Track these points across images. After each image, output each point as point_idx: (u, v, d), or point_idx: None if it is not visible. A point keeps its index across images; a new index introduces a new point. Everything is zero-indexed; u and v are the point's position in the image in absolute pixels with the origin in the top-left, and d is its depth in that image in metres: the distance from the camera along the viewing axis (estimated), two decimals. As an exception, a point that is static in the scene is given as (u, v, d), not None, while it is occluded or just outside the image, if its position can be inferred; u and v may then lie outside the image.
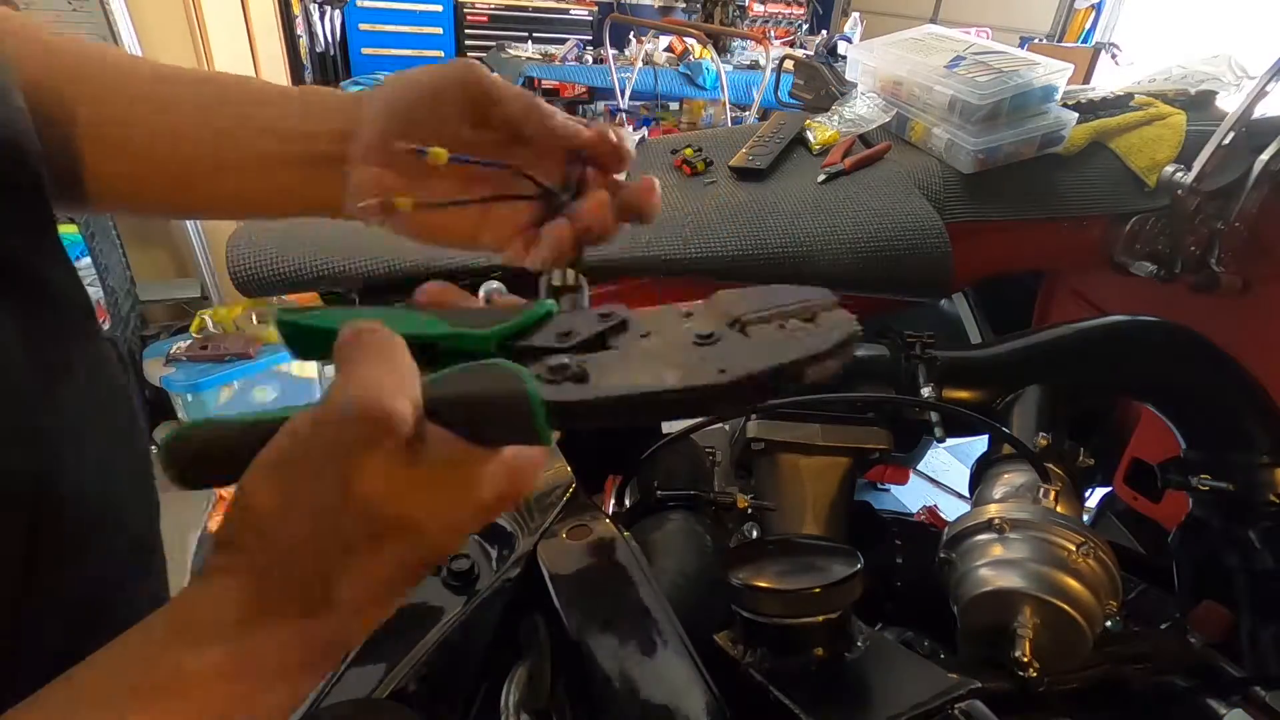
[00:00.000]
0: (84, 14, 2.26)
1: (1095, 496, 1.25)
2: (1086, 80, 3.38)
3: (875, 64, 1.13)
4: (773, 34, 4.77)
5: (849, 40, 3.82)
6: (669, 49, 3.94)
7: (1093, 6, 4.02)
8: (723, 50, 4.09)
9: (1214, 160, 0.97)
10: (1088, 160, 1.05)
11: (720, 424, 0.84)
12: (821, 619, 0.47)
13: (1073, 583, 0.60)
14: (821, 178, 1.00)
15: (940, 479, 2.33)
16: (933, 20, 4.65)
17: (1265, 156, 0.96)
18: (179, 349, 2.35)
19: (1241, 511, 0.82)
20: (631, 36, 4.05)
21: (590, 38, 4.55)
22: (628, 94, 3.30)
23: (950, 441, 0.82)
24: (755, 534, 0.78)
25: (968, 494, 0.80)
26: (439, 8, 4.43)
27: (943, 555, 0.69)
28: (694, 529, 0.71)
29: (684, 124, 4.42)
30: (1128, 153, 1.04)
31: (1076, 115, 1.02)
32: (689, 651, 0.45)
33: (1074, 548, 0.62)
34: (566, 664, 0.48)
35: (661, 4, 5.13)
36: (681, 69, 3.82)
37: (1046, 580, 0.60)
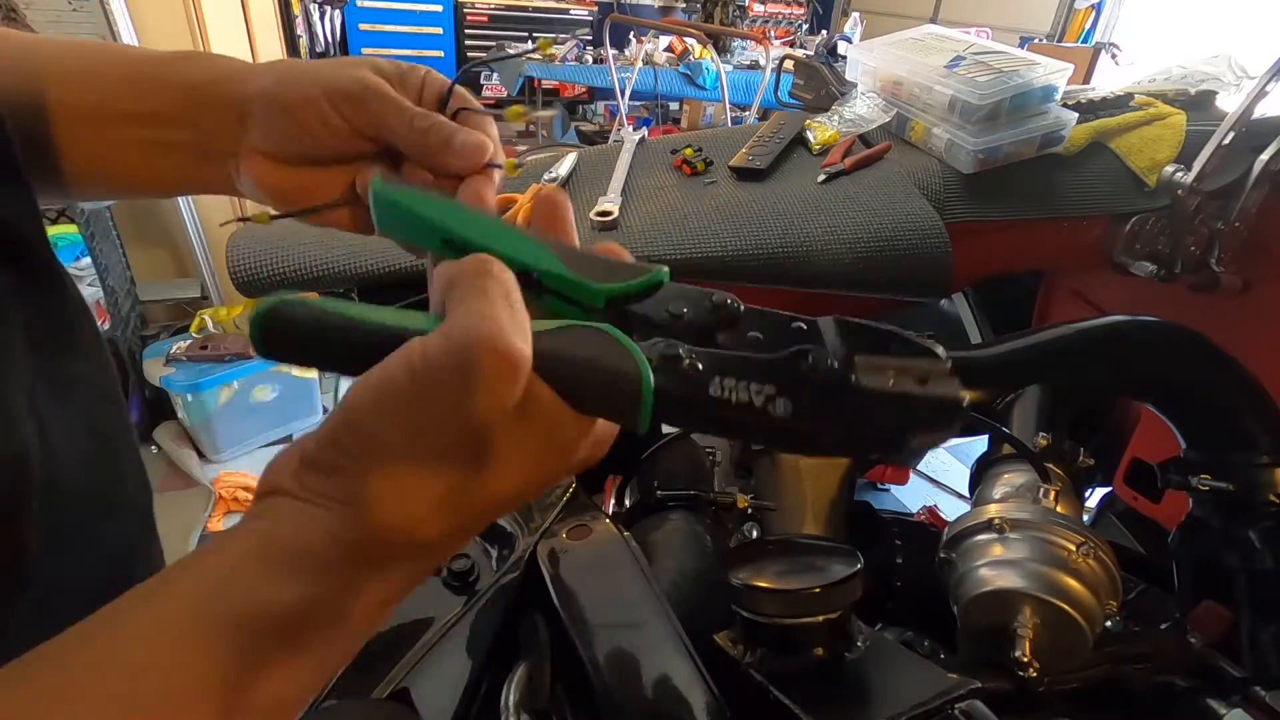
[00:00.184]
0: (84, 14, 2.26)
1: (1095, 496, 1.25)
2: (1086, 80, 3.38)
3: (875, 64, 1.13)
4: (773, 34, 4.77)
5: (849, 40, 3.82)
6: (669, 49, 3.94)
7: (1093, 6, 4.03)
8: (723, 50, 4.09)
9: (1214, 160, 0.97)
10: (1088, 160, 1.04)
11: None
12: (821, 619, 0.47)
13: (1073, 583, 0.60)
14: (821, 178, 1.00)
15: (940, 479, 2.34)
16: (933, 20, 4.65)
17: (1265, 156, 0.96)
18: (179, 349, 2.35)
19: (1241, 511, 0.82)
20: (631, 36, 4.05)
21: (590, 38, 4.55)
22: (628, 94, 3.29)
23: (950, 441, 0.82)
24: (755, 534, 0.78)
25: (968, 494, 0.80)
26: (439, 8, 4.43)
27: (943, 555, 0.69)
28: (694, 529, 0.71)
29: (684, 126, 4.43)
30: (1128, 153, 1.04)
31: (1076, 115, 1.01)
32: (689, 651, 0.45)
33: (1074, 548, 0.62)
34: (566, 664, 0.48)
35: (661, 4, 5.13)
36: (681, 69, 3.82)
37: (1046, 580, 0.60)
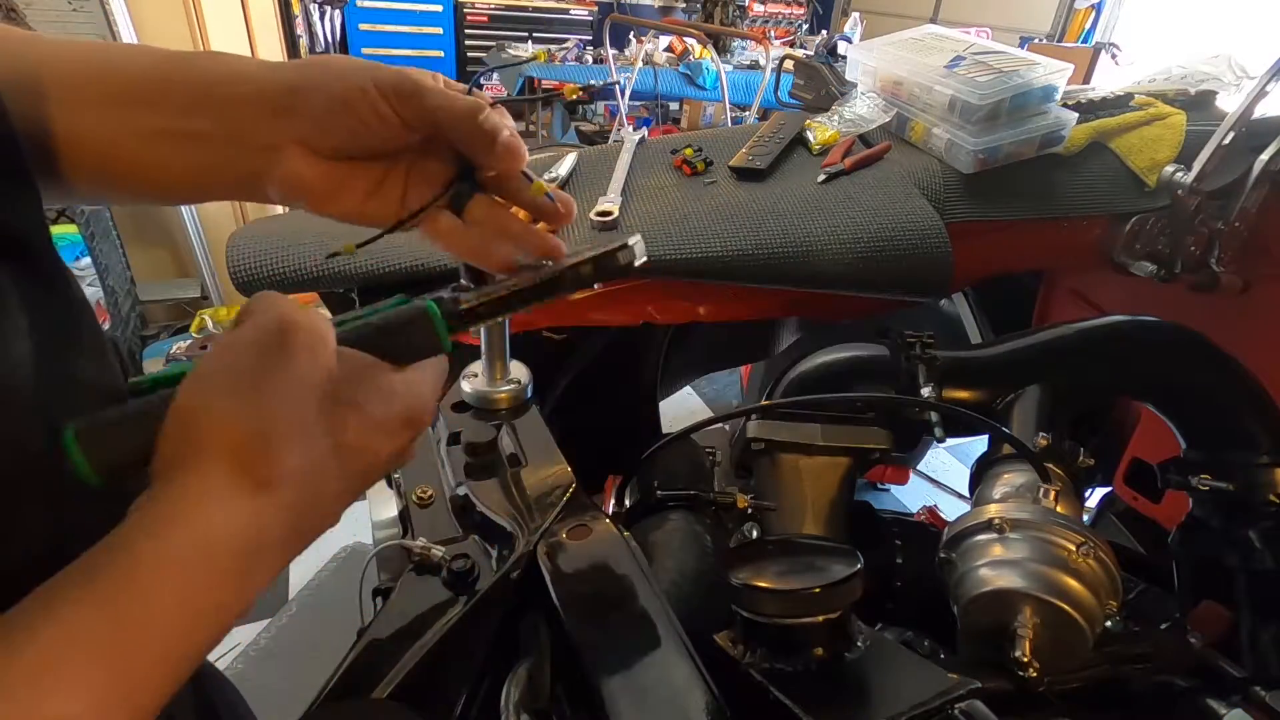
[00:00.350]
0: (84, 14, 2.26)
1: (1095, 496, 1.25)
2: (1086, 80, 3.38)
3: (875, 64, 1.13)
4: (773, 34, 4.78)
5: (849, 40, 3.82)
6: (669, 49, 3.95)
7: (1093, 6, 4.03)
8: (723, 50, 4.09)
9: (1214, 160, 0.97)
10: (1088, 160, 1.04)
11: (720, 424, 0.84)
12: (821, 619, 0.47)
13: (1073, 583, 0.60)
14: (821, 178, 1.00)
15: (940, 479, 2.34)
16: (933, 20, 4.65)
17: (1265, 156, 0.96)
18: (179, 349, 2.35)
19: (1241, 511, 0.82)
20: (631, 36, 4.05)
21: (590, 38, 4.55)
22: (628, 94, 3.29)
23: (950, 441, 0.82)
24: (755, 534, 0.78)
25: (968, 494, 0.80)
26: (439, 8, 4.43)
27: (943, 555, 0.69)
28: (694, 529, 0.71)
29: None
30: (1128, 153, 1.04)
31: (1076, 115, 1.01)
32: (689, 651, 0.45)
33: (1074, 548, 0.62)
34: (566, 664, 0.48)
35: (661, 4, 5.13)
36: (681, 69, 3.82)
37: (1046, 580, 0.60)
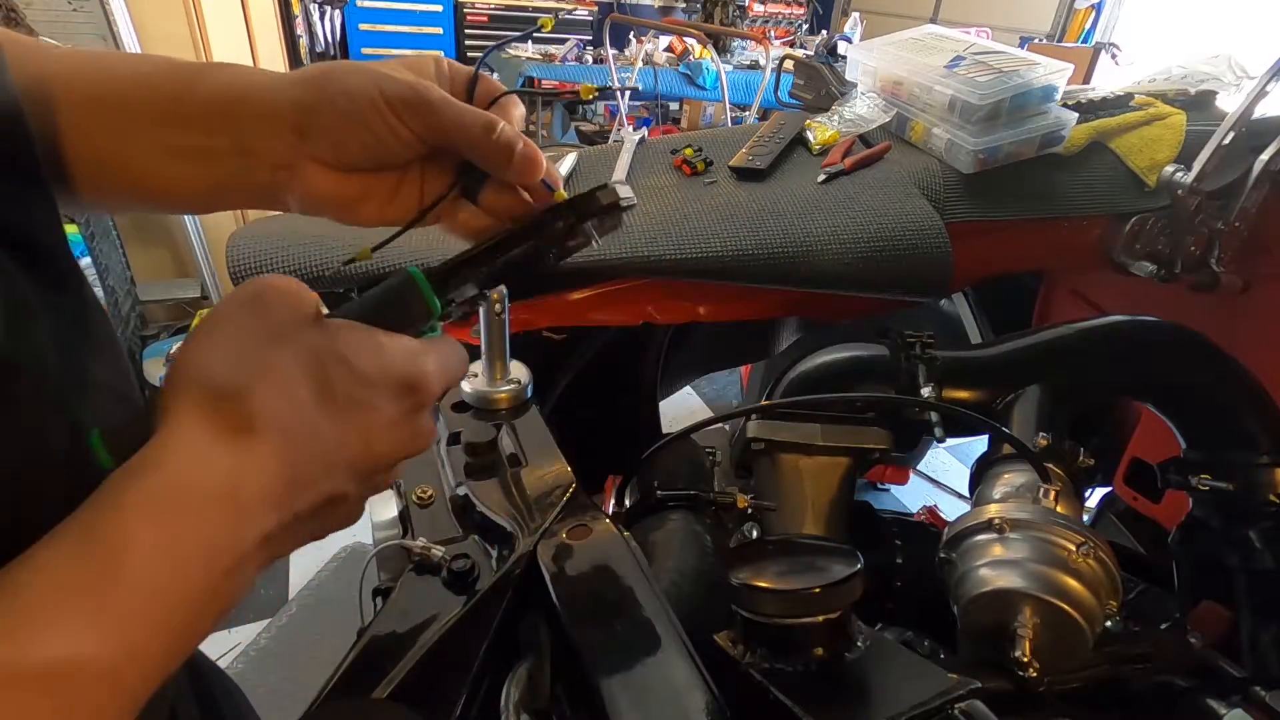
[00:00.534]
0: (84, 14, 2.26)
1: (1095, 496, 1.25)
2: (1086, 80, 3.38)
3: (875, 64, 1.13)
4: (773, 34, 4.78)
5: (849, 40, 3.82)
6: (669, 49, 3.94)
7: (1093, 6, 4.03)
8: (723, 50, 4.09)
9: (1214, 160, 0.97)
10: (1088, 160, 1.04)
11: (720, 424, 0.84)
12: (821, 619, 0.46)
13: (1073, 583, 0.60)
14: (821, 178, 1.00)
15: (940, 479, 2.34)
16: (933, 20, 4.65)
17: (1265, 156, 0.96)
18: (179, 349, 2.36)
19: (1241, 511, 0.82)
20: (631, 36, 4.05)
21: (590, 38, 4.55)
22: (628, 94, 3.29)
23: (950, 441, 0.82)
24: (755, 534, 0.78)
25: (968, 494, 0.80)
26: (439, 8, 4.43)
27: (943, 555, 0.69)
28: (694, 529, 0.71)
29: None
30: (1128, 153, 1.04)
31: (1076, 115, 1.01)
32: (689, 651, 0.45)
33: (1074, 548, 0.62)
34: (566, 664, 0.48)
35: (661, 4, 5.13)
36: (681, 69, 3.82)
37: (1046, 580, 0.60)
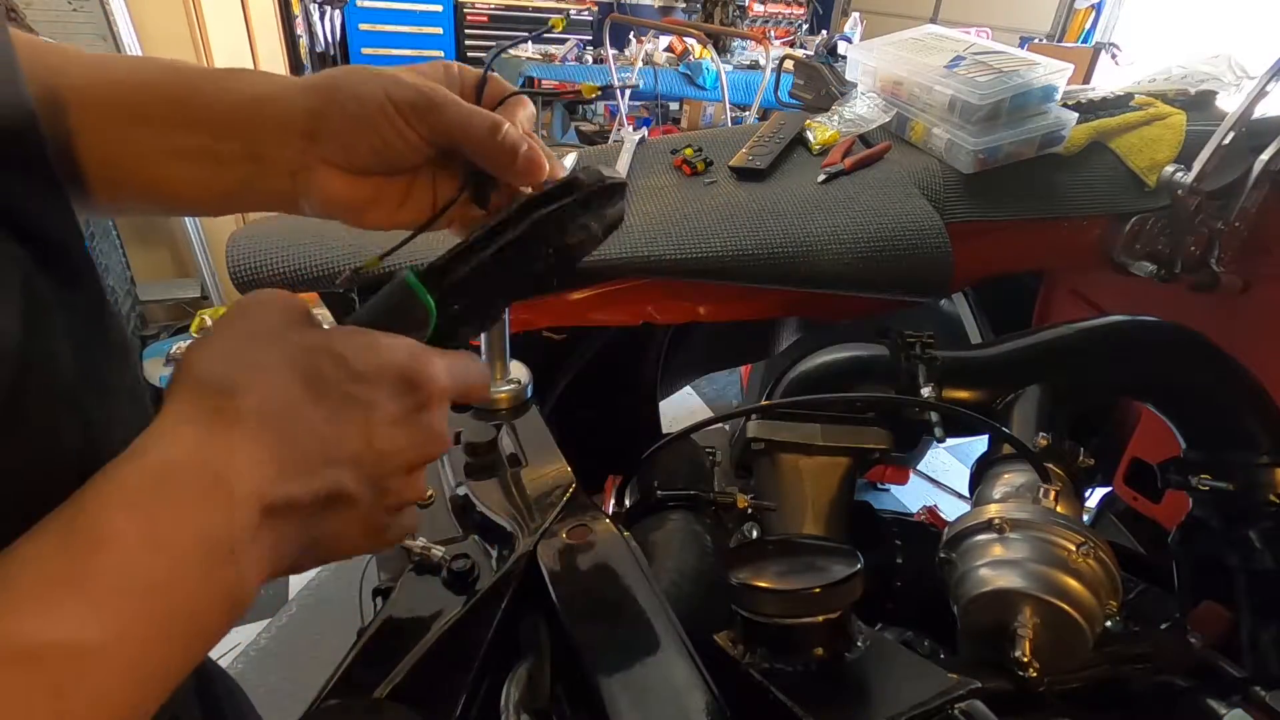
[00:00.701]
0: (84, 14, 2.26)
1: (1095, 496, 1.25)
2: (1086, 80, 3.38)
3: (875, 64, 1.13)
4: (773, 34, 4.78)
5: (849, 40, 3.82)
6: (669, 49, 3.95)
7: (1093, 6, 4.03)
8: (723, 50, 4.09)
9: (1214, 160, 0.97)
10: (1088, 160, 1.04)
11: (720, 424, 0.84)
12: (821, 619, 0.46)
13: (1073, 583, 0.60)
14: (821, 178, 0.99)
15: (940, 479, 2.34)
16: (933, 20, 4.65)
17: (1265, 156, 0.96)
18: (179, 349, 2.36)
19: (1241, 511, 0.82)
20: (631, 36, 4.05)
21: (590, 38, 4.55)
22: (628, 94, 3.29)
23: (950, 441, 0.82)
24: (755, 534, 0.78)
25: (968, 494, 0.80)
26: (439, 8, 4.43)
27: (943, 555, 0.69)
28: (694, 529, 0.71)
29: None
30: (1128, 153, 1.04)
31: (1076, 115, 1.01)
32: (689, 651, 0.45)
33: (1074, 548, 0.62)
34: (566, 664, 0.48)
35: (661, 4, 5.14)
36: (681, 69, 3.82)
37: (1046, 580, 0.60)
